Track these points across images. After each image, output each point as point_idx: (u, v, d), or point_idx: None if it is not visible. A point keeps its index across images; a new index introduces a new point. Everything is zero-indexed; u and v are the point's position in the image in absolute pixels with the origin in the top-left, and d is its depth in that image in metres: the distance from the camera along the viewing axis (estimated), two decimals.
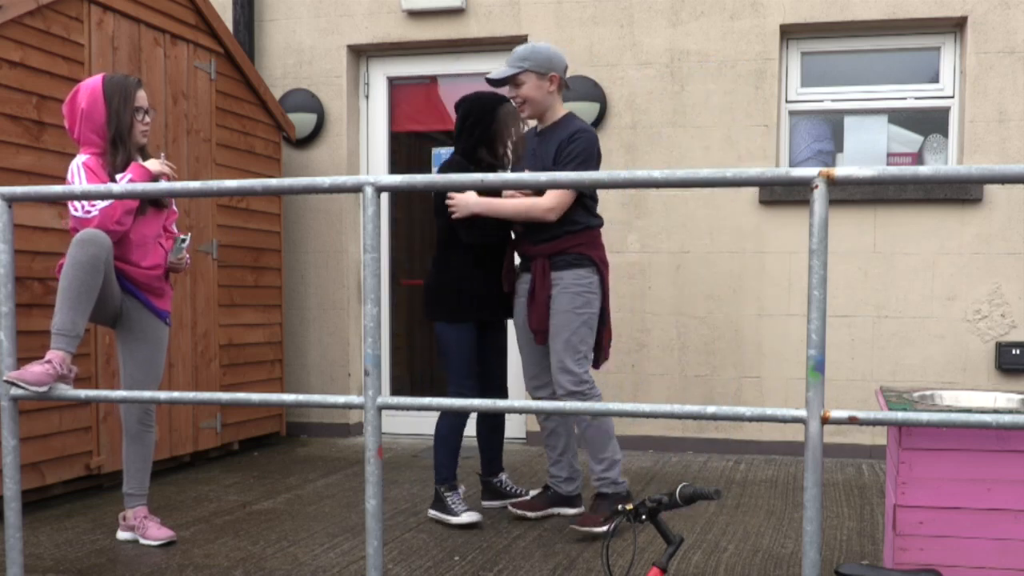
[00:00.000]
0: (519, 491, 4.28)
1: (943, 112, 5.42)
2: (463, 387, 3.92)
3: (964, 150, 5.26)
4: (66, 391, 2.85)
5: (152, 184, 2.75)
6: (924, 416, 2.11)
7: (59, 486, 4.31)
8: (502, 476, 4.29)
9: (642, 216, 5.62)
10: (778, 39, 5.45)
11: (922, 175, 2.10)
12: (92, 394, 2.78)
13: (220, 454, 5.43)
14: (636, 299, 5.64)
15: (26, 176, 4.03)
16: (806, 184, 2.11)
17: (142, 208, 3.58)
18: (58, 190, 2.74)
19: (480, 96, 3.95)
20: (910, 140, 5.49)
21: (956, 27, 5.36)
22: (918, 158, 5.48)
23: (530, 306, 3.79)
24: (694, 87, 5.55)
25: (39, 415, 4.06)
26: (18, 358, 3.59)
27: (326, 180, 2.60)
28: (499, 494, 4.27)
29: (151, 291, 3.63)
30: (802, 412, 2.14)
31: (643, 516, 2.28)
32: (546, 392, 3.96)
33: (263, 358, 5.70)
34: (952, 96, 5.38)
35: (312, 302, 6.14)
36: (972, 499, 2.56)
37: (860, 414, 2.11)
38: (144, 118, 3.61)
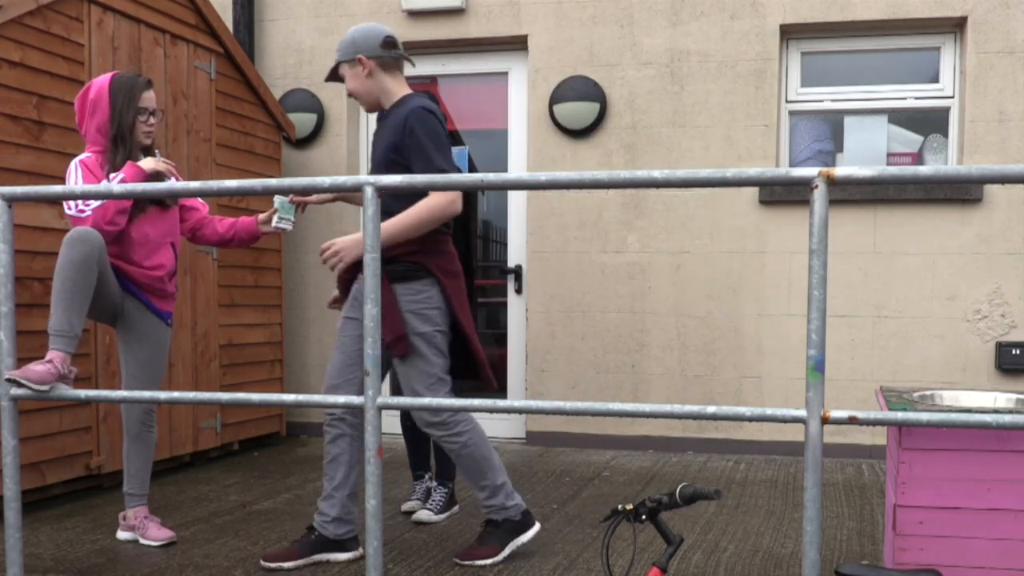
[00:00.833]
0: (436, 502, 4.07)
1: (943, 112, 5.42)
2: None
3: (964, 150, 5.26)
4: (66, 391, 2.85)
5: (152, 184, 2.74)
6: (924, 416, 2.11)
7: (59, 486, 4.31)
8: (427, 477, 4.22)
9: (642, 216, 5.62)
10: (778, 39, 5.45)
11: (922, 175, 2.10)
12: (92, 394, 2.77)
13: (220, 454, 5.43)
14: (636, 299, 5.64)
15: (26, 176, 4.03)
16: (806, 184, 2.11)
17: (142, 207, 3.56)
18: (58, 190, 2.74)
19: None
20: (910, 140, 5.49)
21: (956, 27, 5.36)
22: (918, 158, 5.48)
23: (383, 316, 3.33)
24: (694, 87, 5.55)
25: (39, 415, 4.06)
26: (18, 358, 3.59)
27: (326, 180, 2.60)
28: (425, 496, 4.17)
29: (153, 291, 3.61)
30: (802, 412, 2.14)
31: (643, 516, 2.28)
32: (343, 392, 3.40)
33: (263, 358, 5.71)
34: (952, 96, 5.38)
35: (312, 302, 6.14)
36: (972, 499, 2.56)
37: (860, 414, 2.11)
38: (149, 119, 3.60)
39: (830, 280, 5.43)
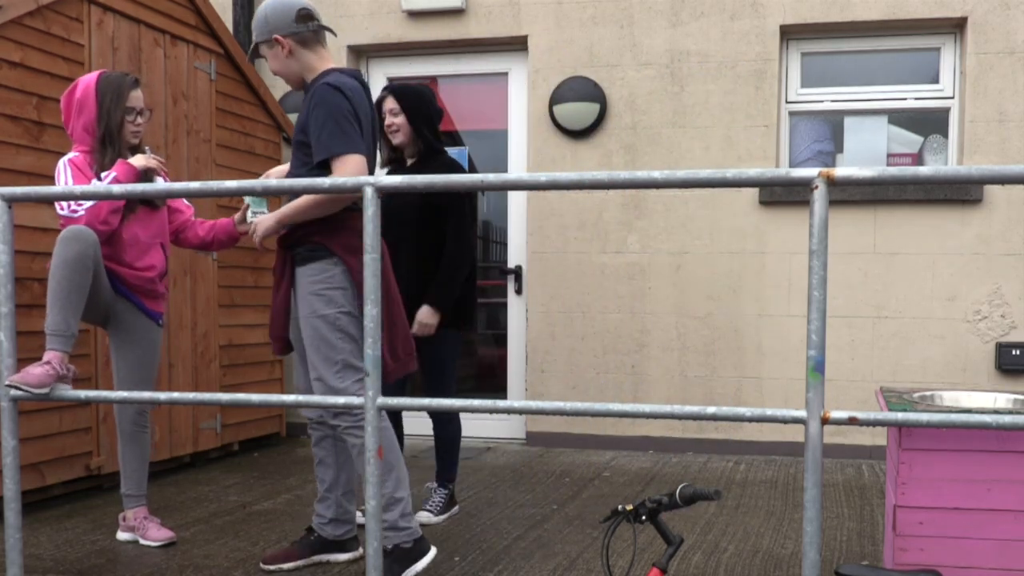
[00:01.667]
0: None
1: (943, 112, 5.42)
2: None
3: (964, 150, 5.26)
4: (66, 392, 2.85)
5: (152, 184, 2.74)
6: (924, 416, 2.11)
7: (59, 486, 4.31)
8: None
9: (642, 216, 5.62)
10: (778, 39, 5.45)
11: (922, 175, 2.10)
12: (92, 395, 2.77)
13: (220, 455, 5.43)
14: (636, 299, 5.64)
15: (26, 176, 4.02)
16: (806, 184, 2.11)
17: (131, 207, 3.53)
18: (58, 190, 2.74)
19: None
20: (910, 140, 5.49)
21: (956, 28, 5.36)
22: (918, 159, 5.48)
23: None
24: (694, 87, 5.55)
25: (39, 416, 4.06)
26: (18, 358, 3.59)
27: (326, 180, 2.60)
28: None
29: (144, 293, 3.59)
30: (802, 413, 2.14)
31: (643, 516, 2.28)
32: (315, 412, 3.34)
33: (263, 359, 5.70)
34: (952, 96, 5.38)
35: None
36: (972, 499, 2.56)
37: (860, 415, 2.11)
38: (137, 119, 3.57)
39: (830, 280, 5.43)
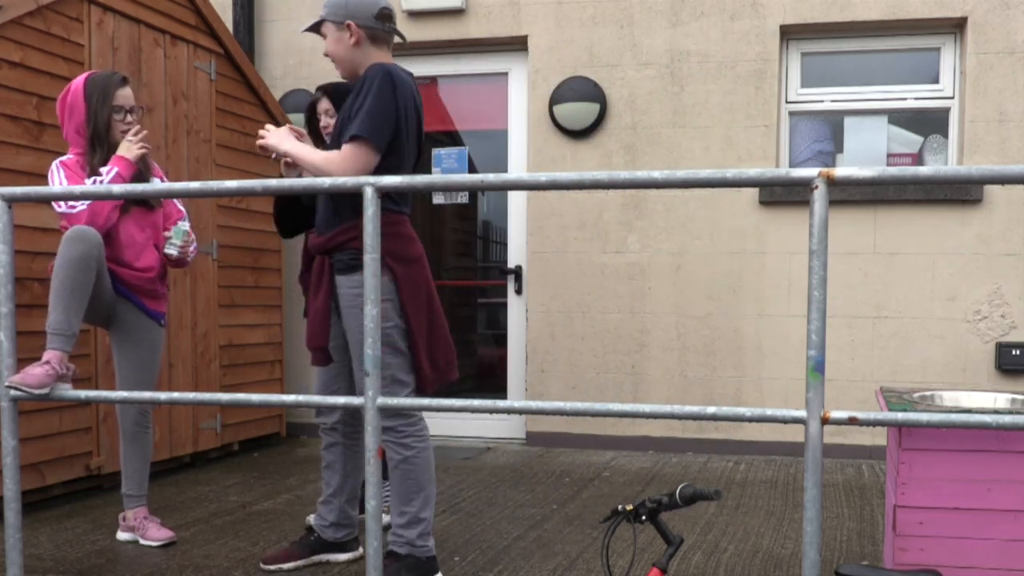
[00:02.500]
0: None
1: (943, 112, 5.42)
2: None
3: (964, 150, 5.26)
4: (66, 392, 2.85)
5: (152, 185, 2.75)
6: (924, 416, 2.11)
7: (59, 486, 4.31)
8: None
9: (642, 216, 5.62)
10: (778, 39, 5.45)
11: (922, 175, 2.10)
12: (92, 395, 2.77)
13: (220, 455, 5.43)
14: (636, 299, 5.64)
15: (26, 176, 4.02)
16: (806, 185, 2.11)
17: (126, 207, 3.51)
18: (58, 190, 2.74)
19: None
20: (910, 140, 5.49)
21: (956, 28, 5.36)
22: (918, 159, 5.48)
23: (308, 319, 3.13)
24: (694, 87, 5.55)
25: (39, 416, 4.06)
26: (18, 359, 3.59)
27: (326, 180, 2.60)
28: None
29: (145, 293, 3.58)
30: (802, 413, 2.14)
31: (643, 516, 2.28)
32: (330, 419, 3.34)
33: (263, 359, 5.70)
34: (952, 96, 5.38)
35: None
36: (972, 499, 2.56)
37: (860, 415, 2.11)
38: (127, 117, 3.52)
39: (830, 280, 5.43)
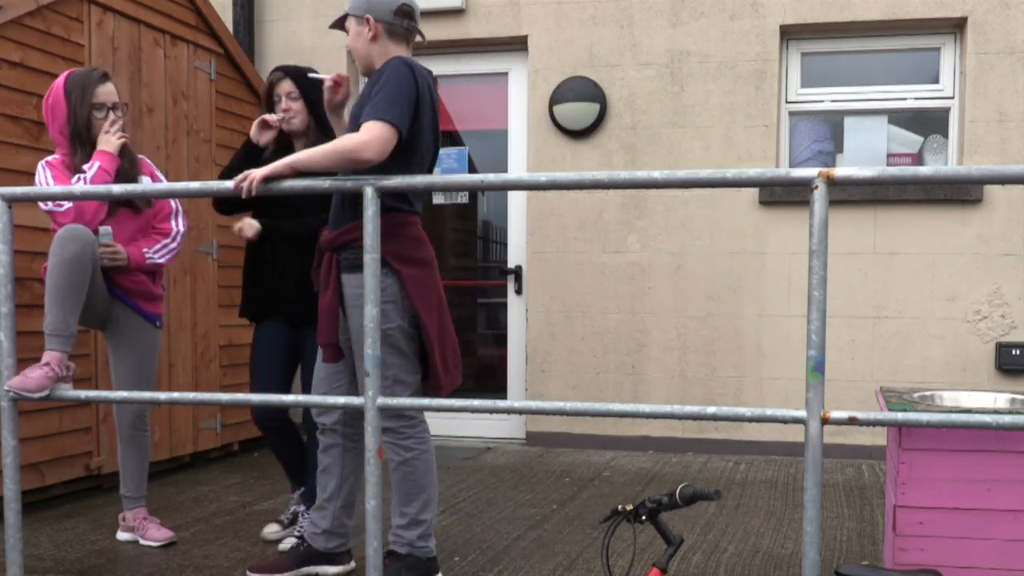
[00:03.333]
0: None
1: (943, 112, 5.42)
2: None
3: (964, 150, 5.26)
4: (66, 392, 2.85)
5: (152, 185, 2.75)
6: (924, 416, 2.11)
7: (59, 486, 4.31)
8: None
9: (642, 216, 5.62)
10: (778, 39, 5.45)
11: (922, 175, 2.10)
12: (92, 395, 2.78)
13: (220, 455, 5.43)
14: (636, 299, 5.64)
15: (26, 176, 4.02)
16: (806, 184, 2.11)
17: (112, 208, 3.47)
18: (58, 191, 2.74)
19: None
20: (910, 140, 5.49)
21: (956, 27, 5.36)
22: (918, 159, 5.48)
23: (318, 315, 3.08)
24: (694, 87, 5.55)
25: (39, 416, 4.06)
26: (18, 359, 3.59)
27: (326, 180, 2.60)
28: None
29: (139, 295, 3.56)
30: (802, 413, 2.14)
31: (643, 516, 2.28)
32: (330, 418, 3.21)
33: None
34: (952, 96, 5.38)
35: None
36: (972, 499, 2.56)
37: (860, 415, 2.11)
38: (109, 114, 3.45)
39: (830, 280, 5.43)
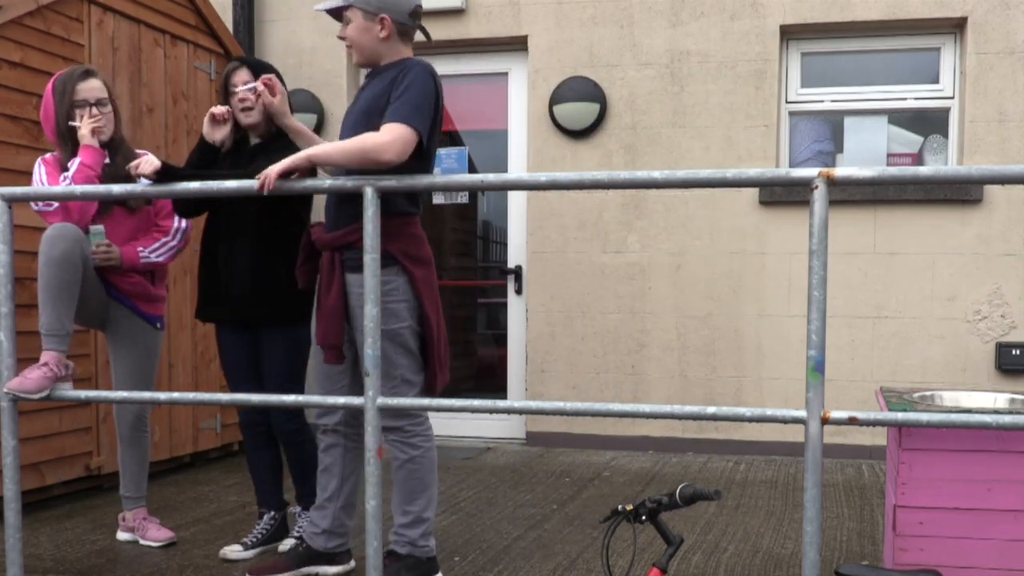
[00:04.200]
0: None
1: (943, 112, 5.42)
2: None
3: (964, 150, 5.26)
4: (66, 392, 2.85)
5: (153, 186, 2.74)
6: (924, 416, 2.11)
7: (59, 486, 4.31)
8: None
9: (642, 216, 5.62)
10: (778, 39, 5.45)
11: (922, 175, 2.10)
12: (92, 395, 2.78)
13: (220, 455, 5.43)
14: (636, 299, 5.64)
15: (26, 176, 4.02)
16: (806, 185, 2.11)
17: (107, 207, 3.47)
18: (58, 190, 2.74)
19: None
20: (910, 141, 5.49)
21: (956, 27, 5.36)
22: (918, 159, 5.48)
23: (317, 315, 3.00)
24: (694, 87, 5.55)
25: (39, 416, 4.06)
26: (18, 358, 3.59)
27: (326, 181, 2.60)
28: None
29: (138, 296, 3.55)
30: (802, 413, 2.14)
31: (643, 516, 2.28)
32: (332, 419, 3.19)
33: None
34: (952, 96, 5.38)
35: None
36: (972, 499, 2.56)
37: (860, 415, 2.11)
38: (92, 111, 3.42)
39: (830, 280, 5.42)
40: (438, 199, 6.02)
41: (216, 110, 3.26)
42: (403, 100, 2.79)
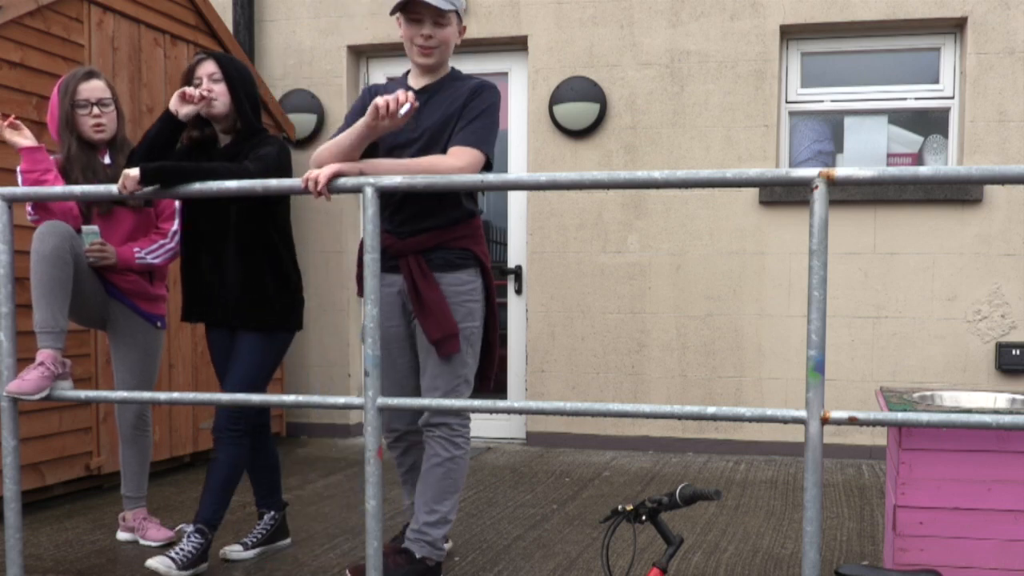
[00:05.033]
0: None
1: (943, 112, 5.42)
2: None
3: (964, 150, 5.26)
4: (66, 392, 2.85)
5: (154, 188, 2.74)
6: (924, 417, 2.11)
7: (59, 486, 4.31)
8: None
9: (642, 216, 5.62)
10: (778, 39, 5.45)
11: (922, 176, 2.10)
12: (92, 395, 2.78)
13: None
14: (636, 299, 5.64)
15: None
16: (806, 185, 2.11)
17: (106, 207, 3.44)
18: (58, 190, 2.74)
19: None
20: (910, 140, 5.49)
21: (956, 27, 5.36)
22: (918, 159, 5.48)
23: (421, 315, 2.94)
24: (694, 88, 5.55)
25: (39, 415, 4.06)
26: (18, 358, 3.59)
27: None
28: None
29: (138, 296, 3.54)
30: (802, 413, 2.14)
31: (643, 516, 2.28)
32: (403, 423, 3.20)
33: None
34: (952, 96, 5.38)
35: (312, 303, 6.13)
36: (972, 499, 2.56)
37: (860, 415, 2.11)
38: (93, 110, 3.41)
39: (830, 281, 5.42)
40: None
41: (188, 91, 3.07)
42: (480, 124, 2.86)
